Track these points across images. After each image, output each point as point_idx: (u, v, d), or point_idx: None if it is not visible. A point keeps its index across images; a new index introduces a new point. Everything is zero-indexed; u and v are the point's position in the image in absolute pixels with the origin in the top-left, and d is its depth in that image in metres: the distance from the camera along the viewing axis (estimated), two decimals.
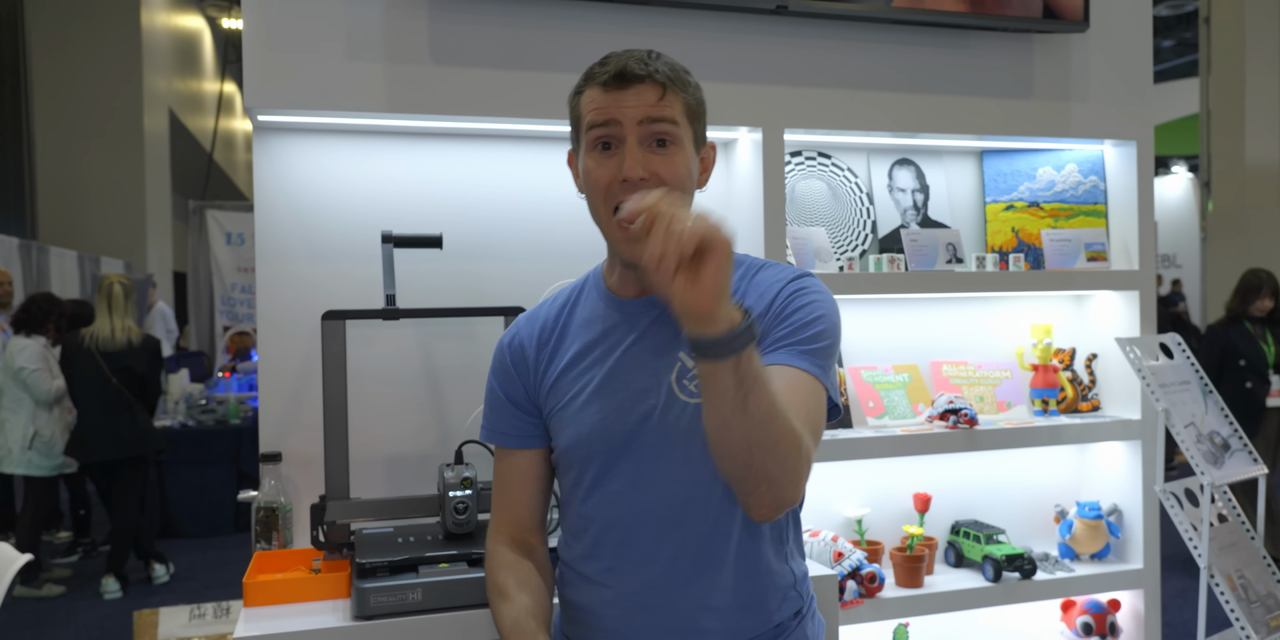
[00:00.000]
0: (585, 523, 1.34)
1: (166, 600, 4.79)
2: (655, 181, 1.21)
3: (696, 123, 1.28)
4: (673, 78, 1.24)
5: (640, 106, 1.21)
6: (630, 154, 1.21)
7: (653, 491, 1.28)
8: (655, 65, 1.23)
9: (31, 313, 5.02)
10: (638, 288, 1.31)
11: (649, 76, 1.21)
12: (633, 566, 1.29)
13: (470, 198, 2.10)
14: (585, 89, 1.26)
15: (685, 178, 1.24)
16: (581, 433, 1.31)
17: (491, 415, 1.41)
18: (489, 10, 1.94)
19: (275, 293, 2.01)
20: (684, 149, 1.24)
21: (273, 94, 1.84)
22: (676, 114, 1.23)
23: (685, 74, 1.27)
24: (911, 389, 2.36)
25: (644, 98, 1.21)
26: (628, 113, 1.21)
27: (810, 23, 2.12)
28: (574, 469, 1.34)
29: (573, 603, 1.38)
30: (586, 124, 1.24)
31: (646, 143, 1.22)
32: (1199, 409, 2.27)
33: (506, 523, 1.42)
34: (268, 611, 1.68)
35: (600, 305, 1.35)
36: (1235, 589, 2.14)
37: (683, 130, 1.24)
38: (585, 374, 1.32)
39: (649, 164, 1.21)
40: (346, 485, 1.84)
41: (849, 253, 2.34)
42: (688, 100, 1.25)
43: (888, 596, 2.17)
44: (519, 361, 1.38)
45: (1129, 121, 2.40)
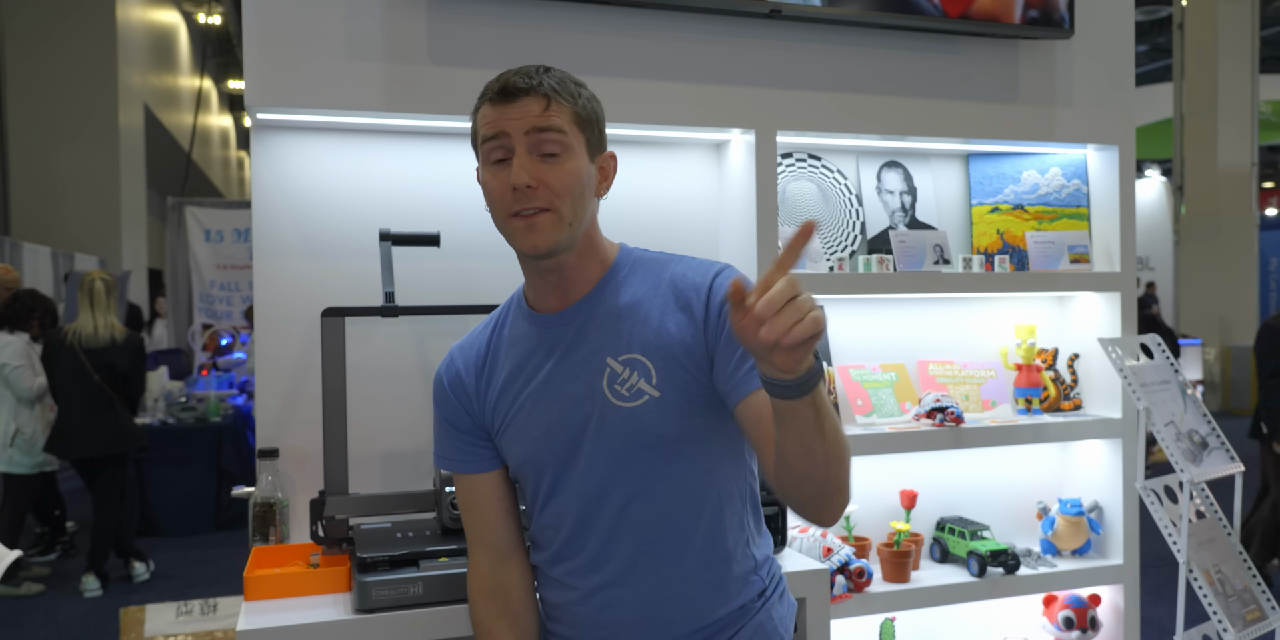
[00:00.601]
0: (546, 531, 1.40)
1: (147, 598, 4.77)
2: (544, 189, 1.25)
3: (588, 131, 1.30)
4: (558, 89, 1.27)
5: (526, 117, 1.25)
6: (518, 162, 1.24)
7: (600, 494, 1.33)
8: (540, 78, 1.27)
9: (15, 309, 4.98)
10: (555, 299, 1.36)
11: (532, 89, 1.25)
12: (591, 567, 1.35)
13: (467, 197, 2.11)
14: (480, 106, 1.30)
15: (575, 185, 1.27)
16: (528, 448, 1.36)
17: (441, 443, 1.46)
18: (487, 12, 1.97)
19: (273, 290, 2.03)
20: (574, 157, 1.27)
21: (273, 92, 1.86)
22: (563, 123, 1.26)
23: (576, 86, 1.30)
24: (899, 387, 2.40)
25: (529, 109, 1.25)
26: (515, 124, 1.25)
27: (803, 27, 2.16)
28: (529, 483, 1.40)
29: (547, 601, 1.44)
30: (480, 138, 1.29)
31: (536, 152, 1.25)
32: (1178, 408, 2.32)
33: (483, 549, 1.46)
34: (268, 605, 1.70)
35: (524, 323, 1.39)
36: (1213, 583, 2.19)
37: (572, 139, 1.27)
38: (521, 391, 1.37)
39: (538, 173, 1.25)
40: (345, 481, 1.86)
41: (839, 253, 2.38)
42: (576, 110, 1.28)
43: (875, 591, 2.21)
44: (458, 390, 1.43)
45: (1111, 126, 2.45)
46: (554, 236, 1.27)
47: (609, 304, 1.33)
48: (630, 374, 1.29)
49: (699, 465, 1.32)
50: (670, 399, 1.28)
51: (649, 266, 1.36)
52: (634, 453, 1.30)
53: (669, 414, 1.28)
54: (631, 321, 1.31)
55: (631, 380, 1.29)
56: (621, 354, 1.30)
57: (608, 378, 1.30)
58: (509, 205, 1.26)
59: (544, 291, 1.36)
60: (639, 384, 1.29)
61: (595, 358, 1.32)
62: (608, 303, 1.33)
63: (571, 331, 1.34)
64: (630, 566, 1.33)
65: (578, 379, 1.32)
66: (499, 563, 1.45)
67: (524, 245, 1.28)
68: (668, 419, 1.29)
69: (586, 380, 1.31)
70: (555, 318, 1.36)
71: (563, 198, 1.26)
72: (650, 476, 1.31)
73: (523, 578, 1.46)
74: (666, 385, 1.28)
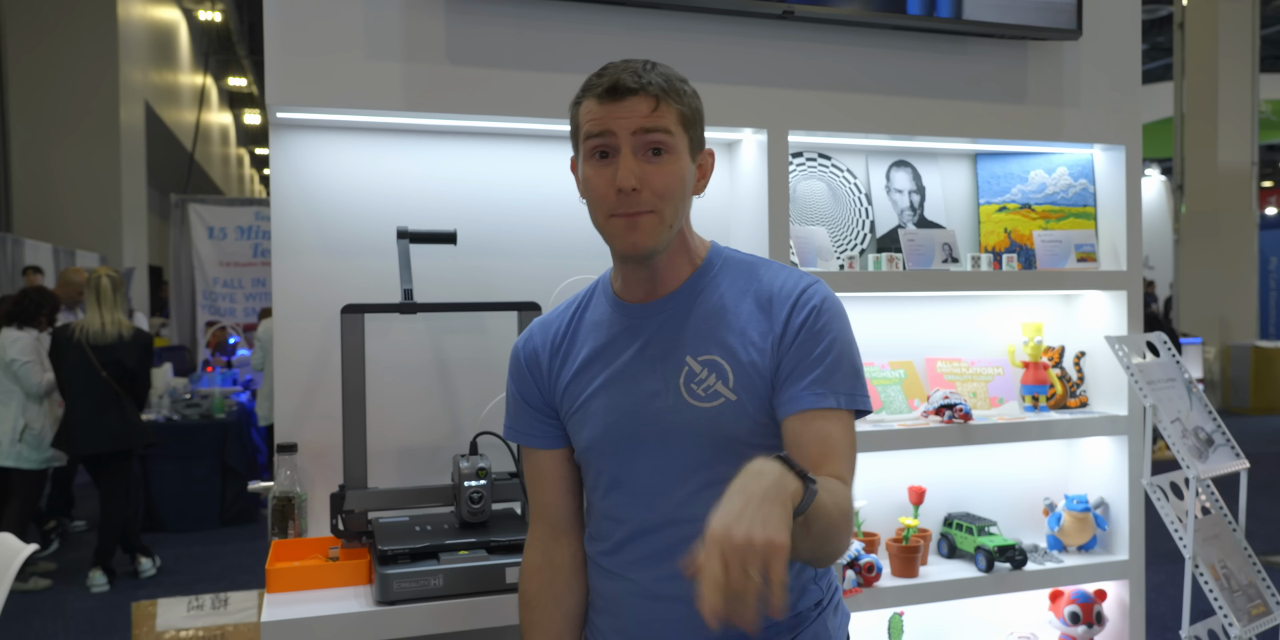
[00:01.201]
0: (604, 520, 1.39)
1: (154, 594, 4.80)
2: (648, 191, 1.25)
3: (692, 130, 1.31)
4: (666, 89, 1.27)
5: (634, 118, 1.25)
6: (624, 164, 1.24)
7: (665, 491, 1.32)
8: (649, 77, 1.26)
9: (24, 306, 5.01)
10: (643, 292, 1.36)
11: (642, 89, 1.25)
12: (651, 561, 1.34)
13: (484, 195, 2.14)
14: (583, 100, 1.30)
15: (678, 187, 1.28)
16: (596, 434, 1.36)
17: (512, 415, 1.47)
18: (504, 12, 1.99)
19: (291, 287, 2.05)
20: (679, 158, 1.28)
21: (293, 92, 1.88)
22: (670, 123, 1.26)
23: (681, 83, 1.30)
24: (907, 385, 2.43)
25: (637, 109, 1.25)
26: (622, 123, 1.25)
27: (815, 27, 2.18)
28: (592, 468, 1.39)
29: (599, 592, 1.43)
30: (584, 134, 1.29)
31: (641, 152, 1.26)
32: (1184, 405, 2.35)
33: (541, 523, 1.47)
34: (290, 597, 1.73)
35: (608, 310, 1.39)
36: (1218, 578, 2.22)
37: (677, 139, 1.27)
38: (597, 377, 1.37)
39: (642, 173, 1.25)
40: (365, 475, 1.88)
41: (849, 252, 2.40)
42: (682, 110, 1.28)
43: (884, 586, 2.23)
44: (533, 366, 1.43)
45: (1118, 126, 2.47)
46: (655, 238, 1.28)
47: (695, 303, 1.34)
48: (708, 375, 1.30)
49: None
50: (745, 403, 1.29)
51: (738, 268, 1.37)
52: (704, 453, 1.30)
53: (743, 418, 1.29)
54: (714, 323, 1.32)
55: (709, 381, 1.30)
56: (701, 354, 1.31)
57: (685, 376, 1.31)
58: (612, 206, 1.27)
59: (633, 283, 1.37)
60: (715, 386, 1.29)
61: (675, 355, 1.32)
62: (694, 301, 1.34)
63: (655, 325, 1.35)
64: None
65: (655, 373, 1.33)
66: (553, 539, 1.45)
67: (623, 246, 1.29)
68: (741, 423, 1.29)
69: (663, 376, 1.32)
70: (641, 308, 1.36)
71: (665, 200, 1.26)
72: (718, 478, 1.25)
73: (573, 557, 1.46)
74: (742, 389, 1.29)
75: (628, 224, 1.26)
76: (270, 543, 1.92)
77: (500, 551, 1.75)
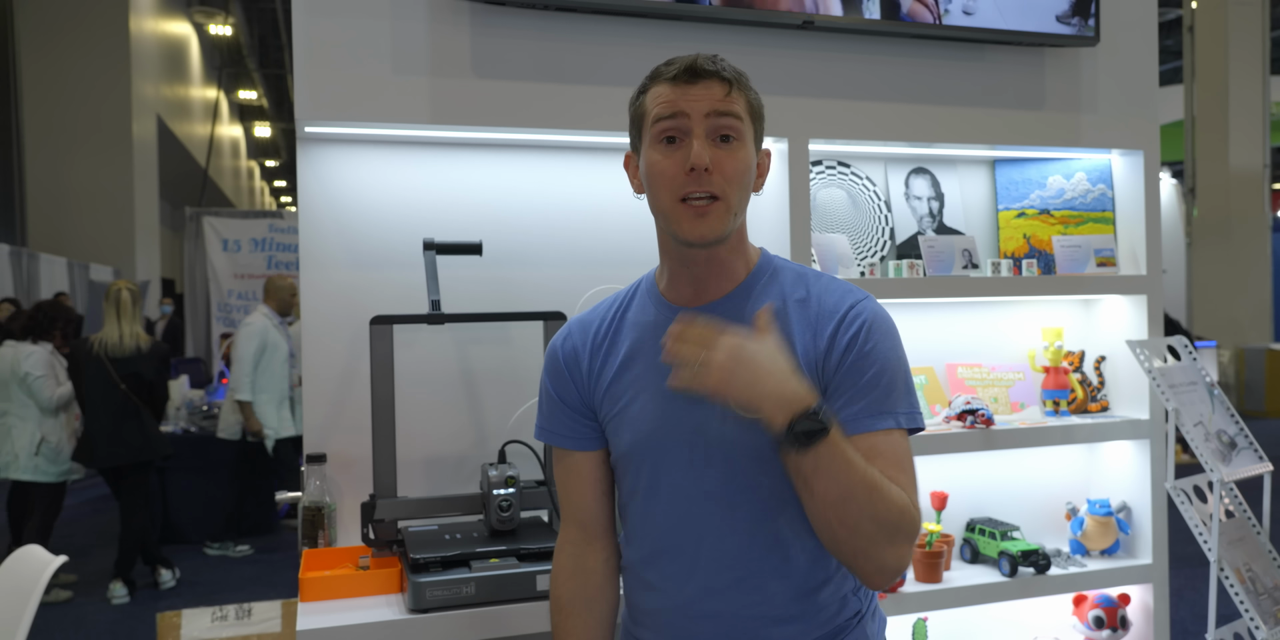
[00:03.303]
0: (642, 528, 1.36)
1: (175, 605, 4.81)
2: (718, 174, 1.24)
3: (757, 123, 1.31)
4: (738, 76, 1.28)
5: (708, 100, 1.25)
6: (699, 142, 1.24)
7: (704, 500, 1.30)
8: (722, 63, 1.28)
9: (38, 320, 5.03)
10: (691, 292, 1.33)
11: (717, 73, 1.25)
12: (688, 574, 1.31)
13: (509, 206, 2.17)
14: (651, 86, 1.30)
15: (745, 174, 1.27)
16: (637, 438, 1.33)
17: (545, 415, 1.44)
18: (528, 26, 2.01)
19: (319, 298, 2.07)
20: (746, 146, 1.28)
21: (321, 106, 1.90)
22: (741, 110, 1.27)
23: (747, 78, 1.31)
24: (928, 390, 2.44)
25: (712, 92, 1.25)
26: (696, 106, 1.25)
27: (834, 37, 2.20)
28: (630, 474, 1.36)
29: (636, 605, 1.40)
30: (653, 117, 1.27)
31: (712, 137, 1.25)
32: (1206, 409, 2.35)
33: (573, 526, 1.44)
34: (323, 606, 1.74)
35: (652, 309, 1.36)
36: (1244, 582, 2.22)
37: (746, 127, 1.27)
38: (639, 380, 1.34)
39: (714, 157, 1.24)
40: (394, 484, 1.90)
41: (869, 258, 2.42)
42: (751, 99, 1.29)
43: (908, 591, 2.24)
44: (572, 365, 1.40)
45: (1135, 132, 2.49)
46: (722, 226, 1.26)
47: (743, 309, 1.31)
48: None
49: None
50: None
51: (788, 278, 1.34)
52: (745, 463, 1.27)
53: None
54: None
55: None
56: None
57: None
58: (681, 187, 1.25)
59: (682, 282, 1.34)
60: None
61: None
62: (742, 308, 1.31)
63: None
64: (733, 577, 1.29)
65: None
66: (585, 543, 1.43)
67: (690, 233, 1.26)
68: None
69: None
70: (685, 311, 1.32)
71: (732, 186, 1.26)
72: (758, 489, 1.28)
73: (606, 562, 1.43)
74: None
75: (696, 212, 1.25)
76: (301, 552, 1.94)
77: (531, 559, 1.77)
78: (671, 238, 1.30)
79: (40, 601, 4.92)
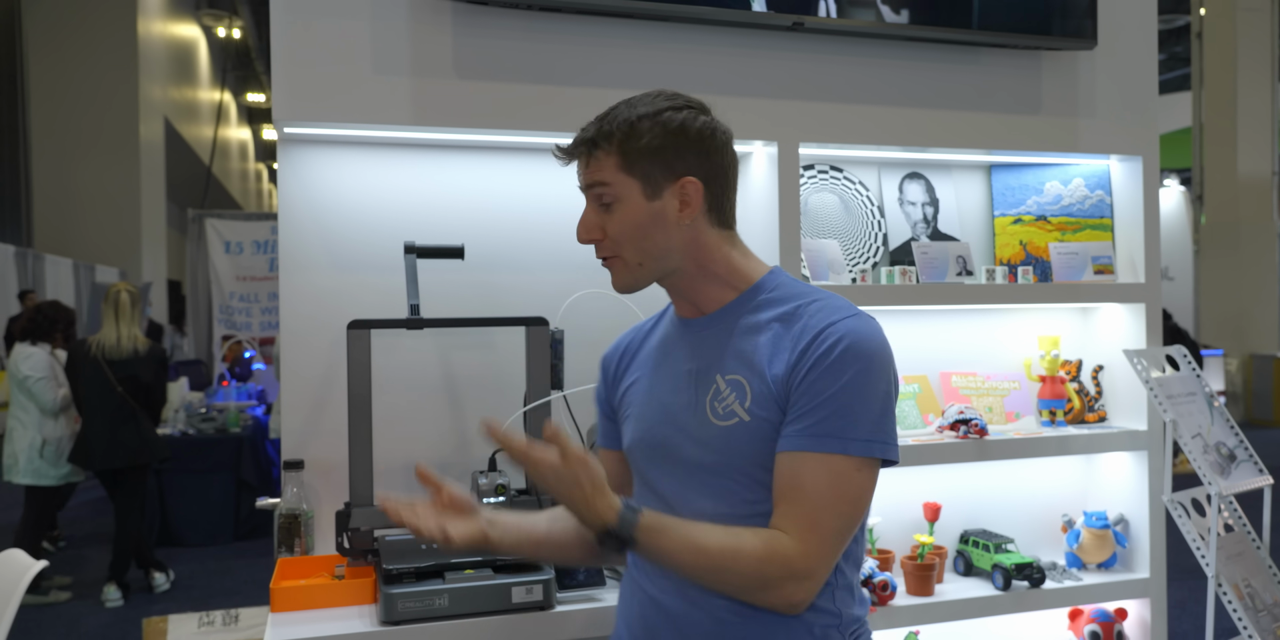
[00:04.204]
0: None
1: (167, 608, 4.80)
2: (606, 240, 1.34)
3: (641, 170, 1.30)
4: (599, 139, 1.31)
5: (581, 174, 1.36)
6: (582, 218, 1.36)
7: (679, 505, 1.34)
8: (583, 133, 1.34)
9: (38, 322, 5.01)
10: (689, 308, 1.41)
11: (578, 146, 1.34)
12: (663, 574, 1.35)
13: (491, 209, 2.13)
14: None
15: (630, 230, 1.32)
16: (634, 438, 1.42)
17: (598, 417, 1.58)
18: (511, 26, 1.98)
19: (298, 302, 2.04)
20: (627, 203, 1.32)
21: (300, 107, 1.87)
22: (606, 175, 1.31)
23: (631, 124, 1.30)
24: (921, 399, 2.39)
25: (580, 168, 1.35)
26: (579, 181, 1.36)
27: (825, 39, 2.16)
28: (634, 471, 1.46)
29: (621, 596, 1.48)
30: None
31: (595, 203, 1.35)
32: (1205, 420, 2.30)
33: None
34: (295, 617, 1.71)
35: (670, 325, 1.46)
36: (1242, 598, 2.17)
37: (620, 187, 1.31)
38: (644, 386, 1.44)
39: (599, 222, 1.34)
40: (371, 492, 1.86)
41: (861, 265, 2.37)
42: (622, 155, 1.30)
43: (899, 605, 2.19)
44: (606, 368, 1.54)
45: (1135, 137, 2.44)
46: (625, 280, 1.37)
47: (734, 324, 1.35)
48: (730, 394, 1.31)
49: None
50: (757, 426, 1.28)
51: (787, 295, 1.35)
52: (717, 471, 1.31)
53: (754, 440, 1.28)
54: (747, 345, 1.33)
55: (729, 400, 1.31)
56: (729, 373, 1.32)
57: (712, 394, 1.33)
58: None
59: (678, 302, 1.43)
60: (734, 405, 1.30)
61: (708, 372, 1.35)
62: (734, 323, 1.36)
63: (699, 340, 1.39)
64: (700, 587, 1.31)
65: (687, 389, 1.36)
66: None
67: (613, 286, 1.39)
68: (752, 444, 1.29)
69: (694, 391, 1.35)
70: (688, 323, 1.41)
71: (622, 244, 1.33)
72: (730, 498, 1.31)
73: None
74: (757, 411, 1.28)
75: (608, 268, 1.38)
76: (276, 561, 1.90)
77: (507, 571, 1.73)
78: None
79: (39, 603, 4.95)
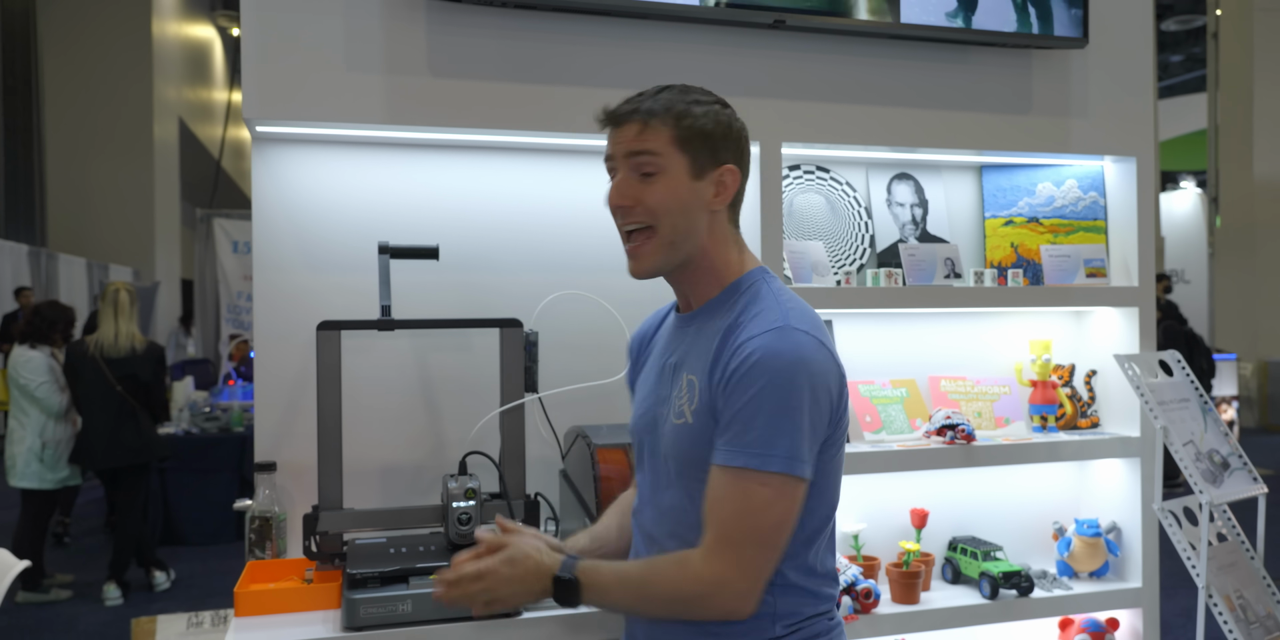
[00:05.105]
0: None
1: (167, 607, 4.80)
2: (641, 208, 1.34)
3: (694, 149, 1.34)
4: (659, 112, 1.33)
5: (625, 142, 1.35)
6: (615, 184, 1.36)
7: (655, 493, 1.42)
8: (644, 103, 1.35)
9: (36, 324, 4.96)
10: (684, 302, 1.46)
11: (632, 113, 1.34)
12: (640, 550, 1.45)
13: (468, 209, 2.11)
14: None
15: (671, 203, 1.34)
16: (630, 424, 1.51)
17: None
18: (488, 23, 1.95)
19: (273, 302, 2.02)
20: (670, 177, 1.34)
21: (271, 105, 1.85)
22: (659, 146, 1.33)
23: (690, 105, 1.35)
24: (909, 404, 2.35)
25: (626, 134, 1.35)
26: (618, 148, 1.36)
27: (808, 37, 2.13)
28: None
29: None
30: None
31: (634, 174, 1.35)
32: (1198, 427, 2.25)
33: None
34: (259, 621, 1.68)
35: (673, 316, 1.51)
36: (1234, 609, 2.12)
37: (668, 160, 1.33)
38: (643, 374, 1.51)
39: (636, 192, 1.34)
40: (340, 495, 1.84)
41: (846, 267, 2.34)
42: (677, 131, 1.33)
43: (883, 613, 2.15)
44: (632, 353, 1.59)
45: (1129, 137, 2.39)
46: (655, 260, 1.36)
47: (708, 322, 1.39)
48: (685, 394, 1.36)
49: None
50: (699, 429, 1.32)
51: (747, 301, 1.37)
52: (669, 466, 1.38)
53: (695, 443, 1.33)
54: (708, 345, 1.35)
55: (683, 400, 1.36)
56: (693, 373, 1.36)
57: (675, 391, 1.38)
58: (617, 219, 1.38)
59: (679, 296, 1.46)
60: (684, 405, 1.35)
61: (681, 368, 1.39)
62: (708, 321, 1.39)
63: (682, 336, 1.43)
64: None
65: (667, 383, 1.41)
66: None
67: (630, 271, 1.39)
68: (695, 447, 1.33)
69: (672, 386, 1.40)
70: (680, 318, 1.46)
71: (659, 216, 1.34)
72: (675, 491, 1.37)
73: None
74: (699, 414, 1.32)
75: (631, 253, 1.37)
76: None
77: None
78: None
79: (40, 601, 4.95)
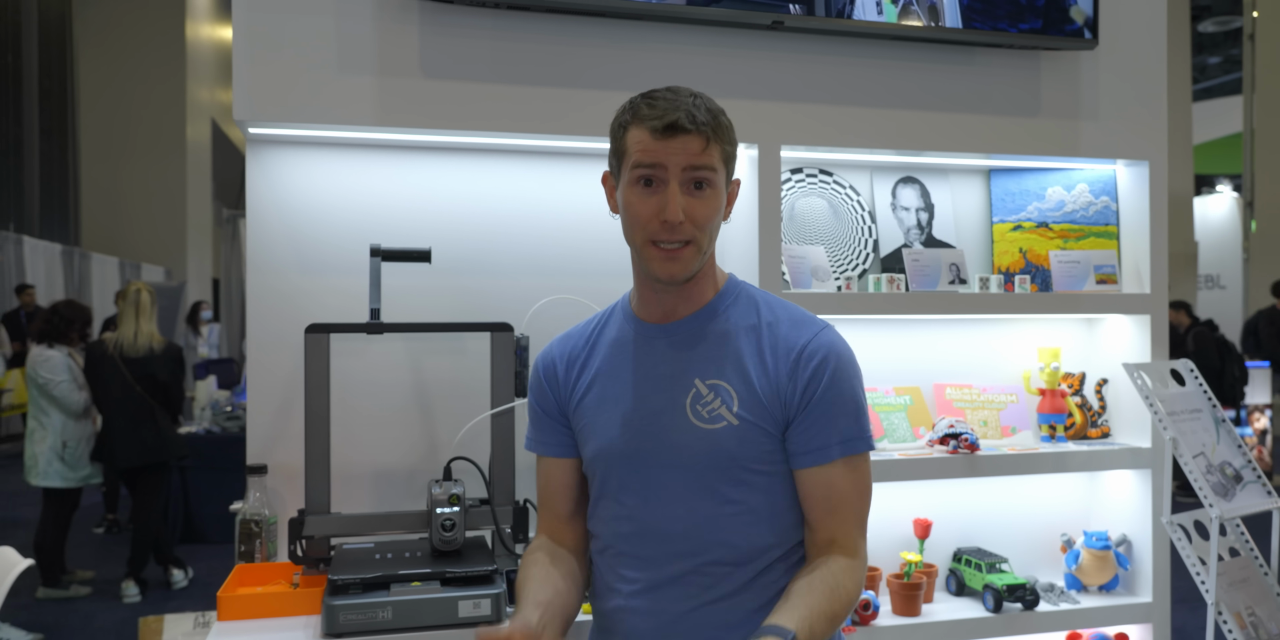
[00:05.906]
0: (604, 530, 1.43)
1: (184, 605, 4.83)
2: (689, 223, 1.31)
3: (729, 164, 1.37)
4: (714, 128, 1.32)
5: (685, 155, 1.30)
6: (673, 199, 1.30)
7: (661, 509, 1.37)
8: (701, 115, 1.31)
9: (54, 323, 5.00)
10: (660, 313, 1.41)
11: (696, 129, 1.30)
12: (645, 581, 1.38)
13: (460, 212, 2.09)
14: (633, 126, 1.33)
15: (715, 216, 1.35)
16: (602, 445, 1.41)
17: (531, 426, 1.53)
18: (481, 24, 1.94)
19: (265, 304, 2.02)
20: (718, 191, 1.34)
21: (263, 107, 1.84)
22: (715, 161, 1.32)
23: (722, 117, 1.35)
24: (913, 412, 2.31)
25: (689, 147, 1.30)
26: (674, 160, 1.30)
27: (807, 38, 2.09)
28: (596, 478, 1.44)
29: (598, 610, 1.46)
30: (633, 162, 1.32)
31: (686, 185, 1.31)
32: (1210, 438, 2.19)
33: (546, 525, 1.51)
34: (240, 626, 1.68)
35: (626, 327, 1.45)
36: (1244, 627, 2.06)
37: (718, 175, 1.34)
38: (607, 391, 1.42)
39: (687, 206, 1.31)
40: (327, 500, 1.83)
41: (849, 272, 2.29)
42: (725, 147, 1.34)
43: (882, 625, 2.11)
44: (550, 376, 1.49)
45: (1142, 141, 2.33)
46: (690, 267, 1.34)
47: (709, 328, 1.39)
48: (713, 398, 1.35)
49: (764, 499, 1.36)
50: (746, 429, 1.34)
51: (750, 301, 1.42)
52: (704, 473, 1.35)
53: (744, 442, 1.34)
54: (725, 350, 1.37)
55: (714, 404, 1.34)
56: (710, 378, 1.36)
57: (692, 397, 1.36)
58: (654, 231, 1.32)
59: (652, 304, 1.42)
60: (720, 409, 1.34)
61: (685, 376, 1.37)
62: (708, 327, 1.39)
63: (667, 345, 1.40)
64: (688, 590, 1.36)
65: (663, 392, 1.38)
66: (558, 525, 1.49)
67: (661, 273, 1.34)
68: (742, 447, 1.34)
69: (671, 395, 1.37)
70: (657, 328, 1.41)
71: (703, 230, 1.33)
72: (716, 498, 1.35)
73: (576, 541, 1.49)
74: (745, 415, 1.34)
75: (668, 255, 1.32)
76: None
77: (455, 584, 1.68)
78: (643, 270, 1.38)
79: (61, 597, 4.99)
